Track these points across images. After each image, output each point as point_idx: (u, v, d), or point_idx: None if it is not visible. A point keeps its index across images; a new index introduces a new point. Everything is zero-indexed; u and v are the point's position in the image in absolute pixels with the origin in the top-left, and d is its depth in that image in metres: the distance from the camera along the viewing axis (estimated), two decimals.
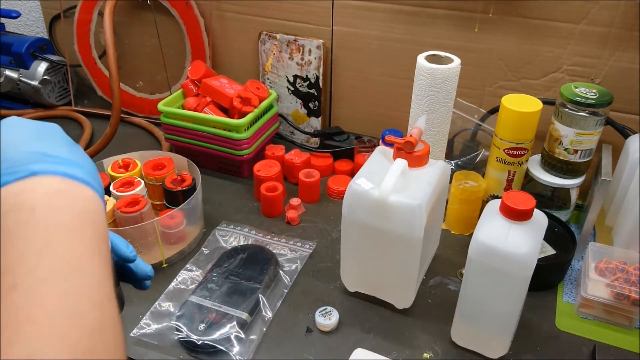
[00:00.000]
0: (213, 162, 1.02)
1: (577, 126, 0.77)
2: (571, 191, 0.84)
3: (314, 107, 1.07)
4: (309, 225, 0.89)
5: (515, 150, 0.80)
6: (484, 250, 0.58)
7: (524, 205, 0.57)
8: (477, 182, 0.84)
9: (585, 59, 0.85)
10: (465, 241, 0.84)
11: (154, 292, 0.75)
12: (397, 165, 0.63)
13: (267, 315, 0.71)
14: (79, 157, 0.39)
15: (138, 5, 1.13)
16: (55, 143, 0.38)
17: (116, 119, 1.00)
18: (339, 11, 0.98)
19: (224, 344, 0.65)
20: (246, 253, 0.79)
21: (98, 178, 0.39)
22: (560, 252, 0.78)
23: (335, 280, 0.77)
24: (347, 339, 0.68)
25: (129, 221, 0.76)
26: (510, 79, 0.91)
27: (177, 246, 0.81)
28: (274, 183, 0.90)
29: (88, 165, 0.39)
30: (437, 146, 0.81)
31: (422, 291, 0.75)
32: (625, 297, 0.68)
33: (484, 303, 0.62)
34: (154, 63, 1.17)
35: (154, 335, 0.68)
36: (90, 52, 1.20)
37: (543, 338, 0.69)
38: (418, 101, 0.78)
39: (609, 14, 0.80)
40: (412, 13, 0.92)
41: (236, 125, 0.93)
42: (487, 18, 0.87)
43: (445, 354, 0.67)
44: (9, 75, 1.20)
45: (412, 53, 0.83)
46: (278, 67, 1.07)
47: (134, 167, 0.87)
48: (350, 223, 0.68)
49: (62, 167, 0.36)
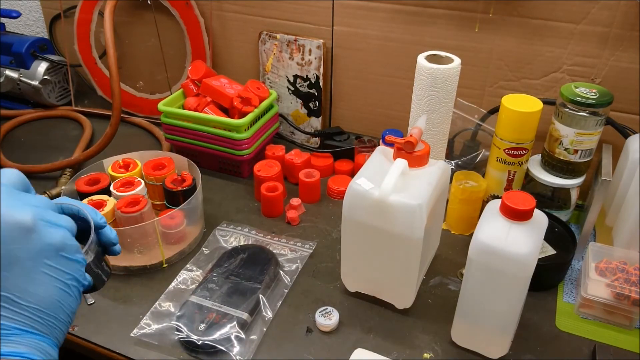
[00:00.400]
0: (213, 162, 1.02)
1: (578, 126, 0.77)
2: (571, 191, 0.84)
3: (314, 107, 1.07)
4: (309, 225, 0.89)
5: (515, 150, 0.80)
6: (484, 250, 0.58)
7: (524, 205, 0.57)
8: (478, 182, 0.84)
9: (585, 59, 0.85)
10: (465, 241, 0.84)
11: (154, 292, 0.75)
12: (398, 165, 0.63)
13: (267, 316, 0.71)
14: (32, 306, 0.37)
15: (138, 5, 1.13)
16: (5, 283, 0.36)
17: (116, 119, 1.00)
18: (339, 11, 0.98)
19: (224, 344, 0.65)
20: (246, 253, 0.79)
21: (54, 322, 0.38)
22: (560, 252, 0.78)
23: (336, 280, 0.77)
24: (347, 339, 0.68)
25: (129, 221, 0.76)
26: (510, 79, 0.91)
27: (178, 246, 0.81)
28: (274, 183, 0.90)
29: (39, 318, 0.37)
30: (437, 146, 0.81)
31: (422, 291, 0.75)
32: (626, 297, 0.68)
33: (484, 303, 0.62)
34: (154, 63, 1.17)
35: (154, 335, 0.68)
36: (91, 52, 1.20)
37: (543, 338, 0.69)
38: (418, 101, 0.78)
39: (609, 14, 0.80)
40: (412, 13, 0.92)
41: (236, 125, 0.93)
42: (487, 18, 0.87)
43: (445, 354, 0.67)
44: (9, 75, 1.20)
45: (412, 53, 0.83)
46: (278, 67, 1.07)
47: (134, 167, 0.87)
48: (351, 223, 0.68)
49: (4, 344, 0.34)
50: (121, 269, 0.78)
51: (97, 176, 0.85)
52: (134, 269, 0.78)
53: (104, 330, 0.70)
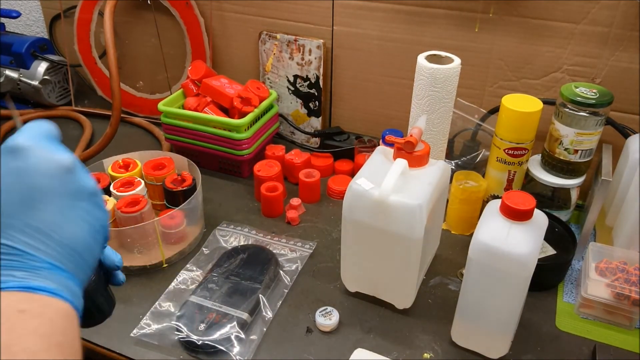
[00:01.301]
0: (213, 162, 1.02)
1: (578, 126, 0.77)
2: (571, 191, 0.84)
3: (314, 107, 1.07)
4: (309, 225, 0.89)
5: (515, 150, 0.80)
6: (484, 250, 0.58)
7: (524, 205, 0.57)
8: (478, 182, 0.84)
9: (585, 59, 0.85)
10: (465, 241, 0.84)
11: (155, 292, 0.75)
12: (398, 165, 0.63)
13: (267, 316, 0.71)
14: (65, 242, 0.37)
15: (138, 5, 1.13)
16: (43, 216, 0.36)
17: (116, 119, 1.00)
18: (339, 11, 0.98)
19: (224, 344, 0.65)
20: (246, 253, 0.79)
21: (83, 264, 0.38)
22: (560, 252, 0.78)
23: (336, 280, 0.77)
24: (347, 339, 0.68)
25: (129, 221, 0.76)
26: (510, 79, 0.91)
27: (177, 246, 0.81)
28: (274, 183, 0.90)
29: (70, 256, 0.37)
30: (437, 146, 0.81)
31: (422, 291, 0.75)
32: (626, 297, 0.68)
33: (484, 303, 0.62)
34: (154, 63, 1.17)
35: (154, 335, 0.68)
36: (91, 52, 1.20)
37: (543, 338, 0.69)
38: (418, 101, 0.78)
39: (609, 14, 0.80)
40: (412, 13, 0.92)
41: (236, 125, 0.93)
42: (487, 18, 0.87)
43: (445, 354, 0.67)
44: (9, 75, 1.20)
45: (412, 53, 0.83)
46: (278, 67, 1.07)
47: (134, 167, 0.87)
48: (351, 223, 0.68)
49: (31, 276, 0.34)
50: (121, 269, 0.78)
51: (97, 176, 0.85)
52: (134, 269, 0.78)
53: (104, 331, 0.69)
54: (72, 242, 0.37)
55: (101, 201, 0.41)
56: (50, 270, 0.35)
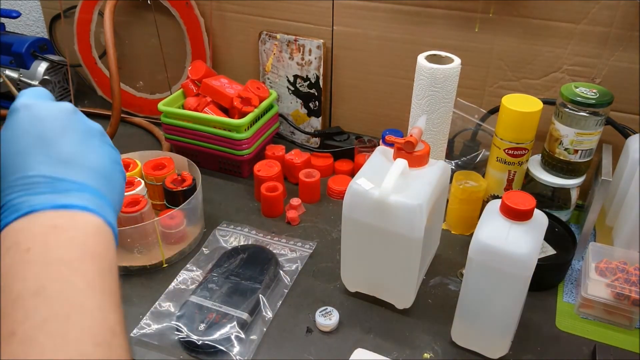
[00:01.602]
0: (213, 162, 1.02)
1: (578, 126, 0.77)
2: (571, 191, 0.84)
3: (314, 107, 1.07)
4: (309, 225, 0.89)
5: (515, 150, 0.80)
6: (484, 250, 0.58)
7: (524, 205, 0.57)
8: (478, 182, 0.84)
9: (585, 59, 0.85)
10: (465, 241, 0.84)
11: (154, 292, 0.75)
12: (398, 165, 0.63)
13: (267, 316, 0.71)
14: (87, 166, 0.38)
15: (138, 5, 1.13)
16: (62, 148, 0.38)
17: (116, 119, 1.00)
18: (339, 11, 0.98)
19: (224, 344, 0.65)
20: (246, 253, 0.79)
21: (109, 187, 0.39)
22: (560, 252, 0.78)
23: (336, 280, 0.77)
24: (347, 339, 0.68)
25: (129, 221, 0.76)
26: (510, 79, 0.91)
27: (177, 246, 0.81)
28: (274, 183, 0.90)
29: (95, 178, 0.38)
30: (437, 146, 0.81)
31: (422, 291, 0.75)
32: (626, 297, 0.68)
33: (484, 303, 0.62)
34: (154, 63, 1.17)
35: (154, 335, 0.68)
36: (91, 52, 1.20)
37: (543, 338, 0.69)
38: (418, 101, 0.78)
39: (609, 14, 0.80)
40: (412, 13, 0.92)
41: (236, 125, 0.93)
42: (487, 18, 0.87)
43: (445, 354, 0.67)
44: (9, 75, 1.20)
45: (412, 53, 0.83)
46: (278, 67, 1.07)
47: (134, 167, 0.87)
48: (351, 223, 0.68)
49: (61, 197, 0.35)
50: (121, 269, 0.78)
51: None
52: (134, 269, 0.78)
53: None
54: (95, 165, 0.39)
55: (110, 140, 0.44)
56: (80, 190, 0.37)
